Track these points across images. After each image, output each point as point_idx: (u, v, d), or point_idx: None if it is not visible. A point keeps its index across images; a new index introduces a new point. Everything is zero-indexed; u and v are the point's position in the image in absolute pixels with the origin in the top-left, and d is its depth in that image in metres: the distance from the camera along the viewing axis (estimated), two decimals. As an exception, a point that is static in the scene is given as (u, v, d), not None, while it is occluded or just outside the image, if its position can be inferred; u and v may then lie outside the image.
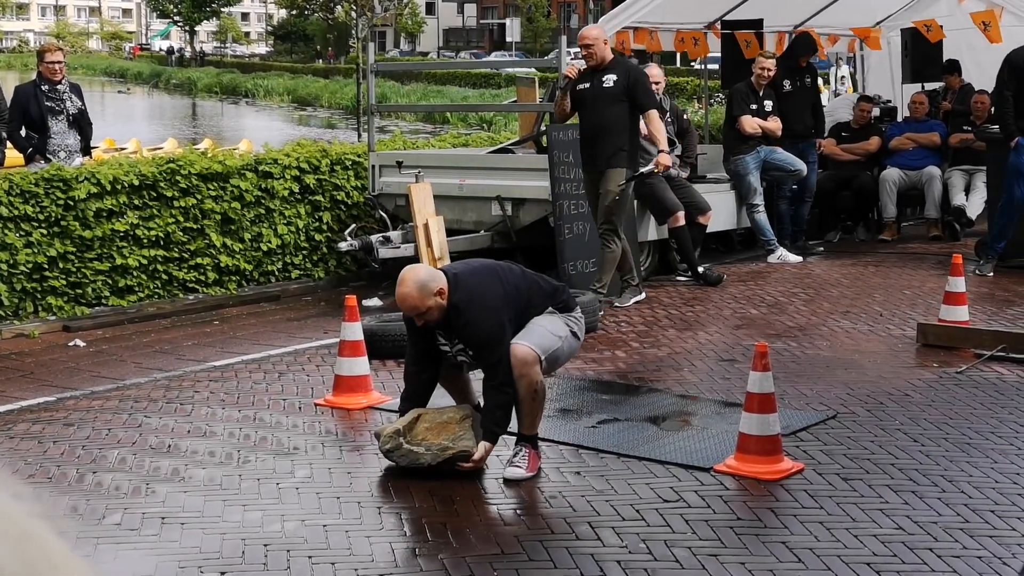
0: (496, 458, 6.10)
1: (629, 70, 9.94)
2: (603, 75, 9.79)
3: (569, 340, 6.17)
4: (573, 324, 6.20)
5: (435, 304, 5.83)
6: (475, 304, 5.85)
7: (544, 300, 6.12)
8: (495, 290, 5.95)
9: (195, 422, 7.01)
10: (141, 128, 39.57)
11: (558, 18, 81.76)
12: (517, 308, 5.99)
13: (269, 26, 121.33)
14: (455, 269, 6.13)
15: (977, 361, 8.15)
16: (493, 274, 6.07)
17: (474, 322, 5.85)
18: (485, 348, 5.89)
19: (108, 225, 10.20)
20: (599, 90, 9.77)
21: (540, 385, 5.95)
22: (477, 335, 5.88)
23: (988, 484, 5.74)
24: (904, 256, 12.67)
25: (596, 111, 9.78)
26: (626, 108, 9.74)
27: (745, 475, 5.86)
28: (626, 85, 9.72)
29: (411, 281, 5.84)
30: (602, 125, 9.77)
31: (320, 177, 11.72)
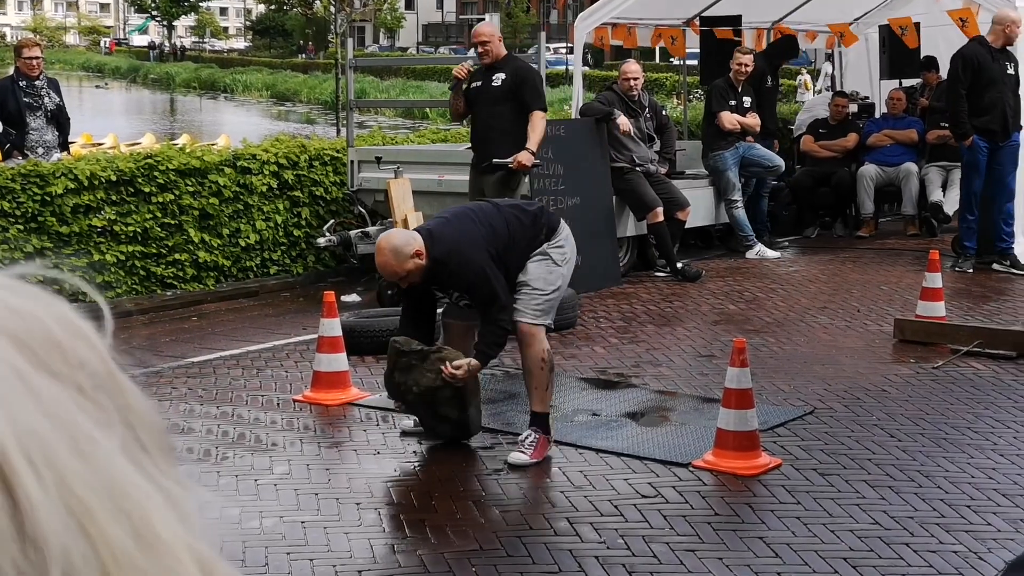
0: (504, 445, 6.11)
1: (518, 69, 9.76)
2: (494, 73, 9.66)
3: (564, 277, 6.31)
4: (562, 251, 6.30)
5: (414, 266, 5.95)
6: (455, 253, 5.98)
7: (526, 233, 6.20)
8: (472, 233, 6.07)
9: (173, 418, 6.99)
10: (119, 123, 39.42)
11: (537, 14, 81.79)
12: (498, 245, 6.10)
13: (248, 21, 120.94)
14: (429, 225, 6.26)
15: (953, 357, 8.18)
16: (467, 218, 6.20)
17: (458, 271, 6.00)
18: (475, 289, 6.03)
19: (85, 221, 10.16)
20: (489, 88, 9.64)
21: (548, 354, 6.12)
22: (464, 281, 6.03)
23: (964, 479, 5.78)
24: (881, 252, 12.72)
25: (486, 109, 9.67)
26: (514, 107, 9.56)
27: (723, 471, 5.88)
28: (514, 83, 9.55)
29: (387, 249, 6.00)
30: (491, 124, 9.63)
31: (299, 173, 11.70)
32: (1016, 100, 11.29)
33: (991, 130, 11.20)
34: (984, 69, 11.17)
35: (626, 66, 12.01)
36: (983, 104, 11.19)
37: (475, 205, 6.56)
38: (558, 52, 53.83)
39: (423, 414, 6.32)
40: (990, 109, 11.17)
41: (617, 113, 11.16)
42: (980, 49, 11.24)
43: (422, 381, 6.13)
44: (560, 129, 11.00)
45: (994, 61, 11.16)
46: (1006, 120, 11.18)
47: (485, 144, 9.72)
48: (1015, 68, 11.26)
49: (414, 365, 6.15)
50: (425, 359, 6.14)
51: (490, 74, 9.68)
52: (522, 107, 9.55)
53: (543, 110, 9.71)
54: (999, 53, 11.18)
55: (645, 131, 11.65)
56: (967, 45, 11.34)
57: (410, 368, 6.16)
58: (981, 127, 11.24)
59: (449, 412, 6.22)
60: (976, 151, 11.31)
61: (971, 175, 11.50)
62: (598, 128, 11.16)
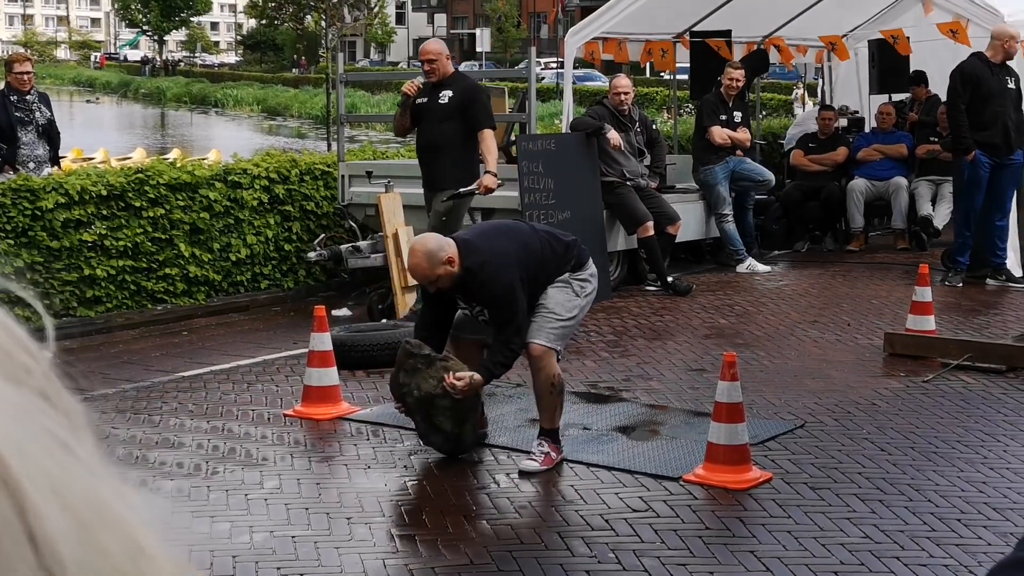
0: (506, 458, 6.10)
1: (467, 87, 9.68)
2: (440, 91, 9.57)
3: (582, 308, 6.35)
4: (585, 285, 6.34)
5: (445, 272, 6.03)
6: (487, 266, 6.06)
7: (556, 260, 6.28)
8: (506, 250, 6.15)
9: (163, 433, 6.98)
10: (110, 138, 39.39)
11: (528, 29, 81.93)
12: (528, 266, 6.17)
13: (239, 35, 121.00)
14: (465, 235, 6.36)
15: (944, 370, 8.19)
16: (503, 234, 6.31)
17: (487, 283, 6.06)
18: (496, 307, 6.10)
19: (76, 235, 10.15)
20: (435, 106, 9.56)
21: (558, 379, 6.19)
22: (490, 295, 6.09)
23: (954, 493, 5.78)
24: (871, 266, 12.74)
25: (431, 127, 9.60)
26: (460, 125, 9.47)
27: (714, 484, 5.88)
28: (461, 101, 9.47)
29: (420, 252, 6.06)
30: (436, 141, 9.57)
31: (290, 187, 11.70)
32: (1017, 115, 11.20)
33: (993, 144, 11.14)
34: (983, 84, 11.12)
35: (616, 80, 12.04)
36: (984, 119, 11.11)
37: (512, 223, 6.70)
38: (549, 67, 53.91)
39: (419, 420, 6.32)
40: (991, 124, 11.10)
41: (608, 127, 11.18)
42: (979, 64, 11.20)
43: (423, 386, 6.16)
44: (551, 143, 11.02)
45: (993, 76, 11.14)
46: (1008, 135, 11.13)
47: (429, 162, 9.68)
48: (1016, 83, 11.22)
49: (419, 369, 6.19)
50: (431, 364, 6.19)
51: (436, 91, 9.60)
52: (468, 125, 9.45)
53: (493, 128, 9.62)
54: (999, 68, 11.16)
55: (635, 145, 11.67)
56: (966, 60, 11.28)
57: (415, 371, 6.21)
58: (983, 142, 11.13)
59: (443, 423, 6.23)
60: (978, 166, 11.19)
61: (972, 191, 11.31)
62: (588, 142, 11.18)
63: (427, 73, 9.68)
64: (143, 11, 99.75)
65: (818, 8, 15.27)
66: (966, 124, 11.20)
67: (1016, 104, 11.24)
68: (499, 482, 6.07)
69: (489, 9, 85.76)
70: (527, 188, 10.45)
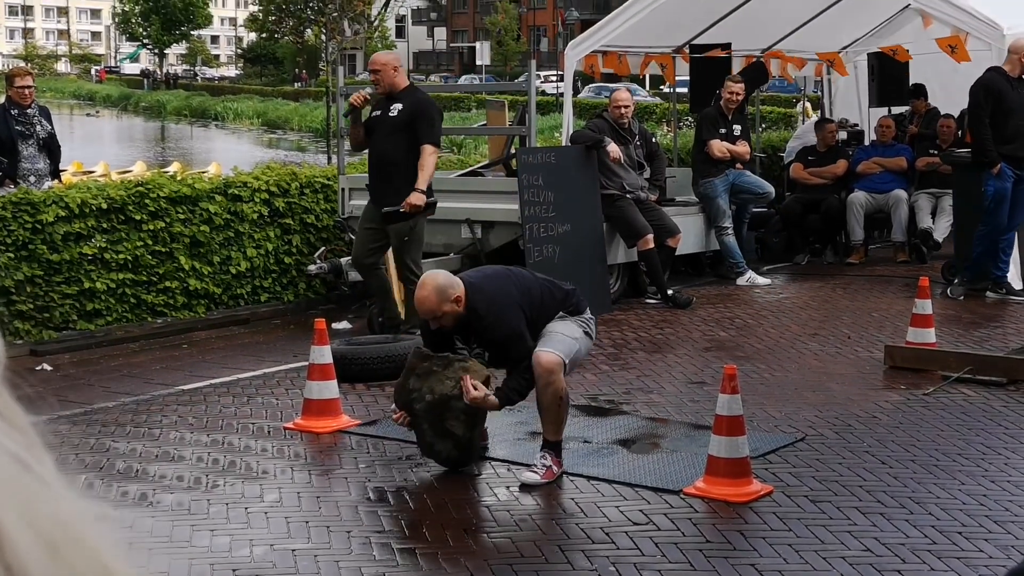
0: (507, 471, 6.09)
1: (418, 101, 9.45)
2: (392, 104, 9.40)
3: (584, 340, 6.42)
4: (585, 325, 6.44)
5: (450, 310, 6.12)
6: (493, 309, 6.16)
7: (556, 305, 6.37)
8: (511, 294, 6.25)
9: (163, 446, 6.98)
10: (110, 151, 39.43)
11: (528, 42, 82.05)
12: (531, 310, 6.26)
13: (239, 49, 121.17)
14: (471, 276, 6.42)
15: (944, 383, 8.19)
16: (507, 279, 6.39)
17: (492, 326, 6.16)
18: (504, 349, 6.21)
19: (76, 248, 10.15)
20: (386, 119, 9.40)
21: (565, 392, 6.21)
22: (496, 337, 6.20)
23: (955, 506, 5.78)
24: (872, 279, 12.74)
25: (382, 141, 9.43)
26: (410, 139, 9.27)
27: (714, 498, 5.88)
28: (411, 115, 9.27)
29: (430, 286, 6.14)
30: (387, 155, 9.41)
31: (290, 200, 11.70)
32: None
33: (1018, 158, 11.08)
34: (1004, 97, 11.05)
35: (616, 94, 12.05)
36: (1007, 132, 11.02)
37: (514, 269, 6.80)
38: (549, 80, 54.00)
39: (426, 428, 6.28)
40: (1014, 137, 11.01)
41: (607, 140, 11.19)
42: (999, 78, 11.15)
43: (438, 388, 6.17)
44: (551, 156, 11.03)
45: (1013, 90, 11.12)
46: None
47: (378, 176, 9.50)
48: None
49: (434, 371, 6.22)
50: (448, 366, 6.22)
51: (388, 104, 9.45)
52: (416, 141, 9.26)
53: (435, 145, 9.39)
54: (1017, 82, 11.14)
55: (635, 158, 11.68)
56: (985, 74, 11.22)
57: (429, 374, 6.22)
58: (1007, 155, 11.04)
59: (456, 427, 6.21)
60: (1004, 179, 11.09)
61: (999, 204, 11.11)
62: (588, 155, 11.19)
63: (373, 83, 9.62)
64: (144, 24, 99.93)
65: (817, 22, 15.30)
66: (990, 137, 11.06)
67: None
68: (499, 495, 6.06)
69: (489, 23, 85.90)
70: (527, 201, 10.46)
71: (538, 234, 10.50)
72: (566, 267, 10.59)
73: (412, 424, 6.35)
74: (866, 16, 15.54)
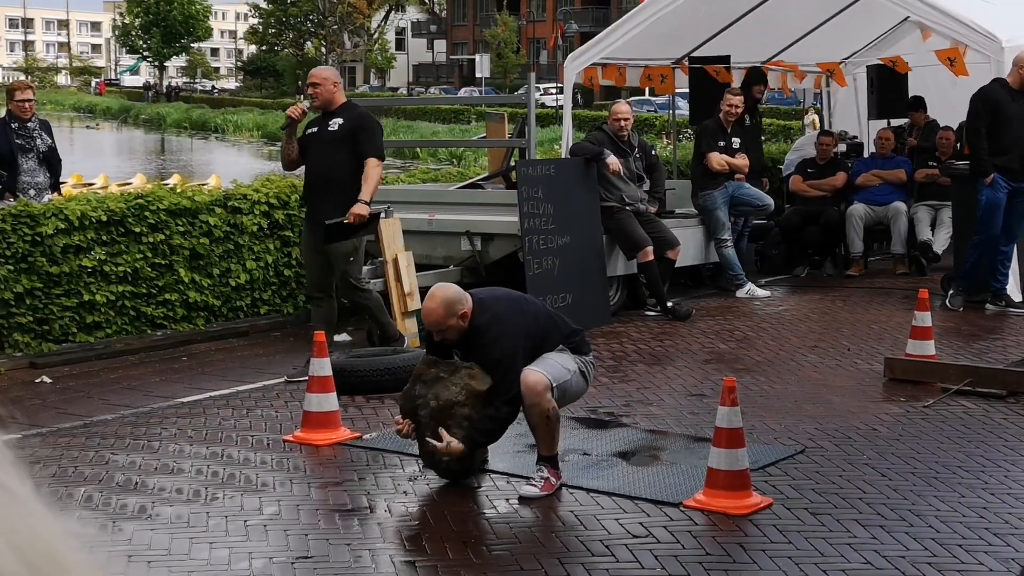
0: (506, 483, 6.08)
1: (358, 116, 9.19)
2: (331, 119, 9.10)
3: (577, 377, 6.38)
4: (582, 364, 6.42)
5: (456, 324, 6.16)
6: (495, 328, 6.17)
7: (559, 339, 6.36)
8: (516, 318, 6.25)
9: (162, 459, 6.97)
10: (110, 163, 39.46)
11: (527, 54, 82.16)
12: (534, 340, 6.25)
13: (239, 62, 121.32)
14: (481, 294, 6.42)
15: (944, 395, 8.19)
16: (517, 304, 6.42)
17: (491, 344, 6.16)
18: (496, 369, 6.16)
19: (76, 261, 10.15)
20: (324, 134, 9.07)
21: (552, 411, 6.17)
22: (492, 356, 6.18)
23: (955, 518, 5.77)
24: (871, 291, 12.75)
25: (320, 157, 9.06)
26: (350, 156, 8.97)
27: (714, 510, 5.87)
28: (351, 130, 8.99)
29: (439, 297, 6.18)
30: (325, 172, 9.04)
31: (289, 212, 11.70)
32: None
33: (1012, 169, 11.13)
34: (1002, 108, 11.11)
35: (616, 106, 12.06)
36: (1003, 143, 11.08)
37: (526, 297, 6.83)
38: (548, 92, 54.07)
39: (429, 437, 6.27)
40: (1010, 148, 11.06)
41: (607, 153, 11.20)
42: (999, 89, 11.20)
43: (443, 394, 6.19)
44: (550, 169, 11.04)
45: (1013, 101, 11.14)
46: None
47: (318, 195, 9.15)
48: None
49: (441, 378, 6.24)
50: (455, 372, 6.24)
51: (327, 120, 9.14)
52: (358, 156, 8.98)
53: (379, 158, 9.09)
54: (1018, 94, 11.16)
55: (635, 171, 11.69)
56: (987, 85, 11.26)
57: (436, 380, 6.25)
58: (1002, 166, 11.11)
59: (458, 434, 6.21)
60: (997, 189, 11.15)
61: (993, 215, 11.15)
62: (588, 168, 11.20)
63: (311, 97, 9.32)
64: (144, 37, 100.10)
65: (816, 34, 15.34)
66: (985, 147, 11.14)
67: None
68: (499, 508, 6.06)
69: (489, 35, 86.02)
70: (527, 213, 10.46)
71: (538, 246, 10.51)
72: (566, 279, 10.60)
73: (415, 433, 6.34)
74: (865, 28, 15.57)
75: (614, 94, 41.55)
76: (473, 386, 6.18)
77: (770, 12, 14.42)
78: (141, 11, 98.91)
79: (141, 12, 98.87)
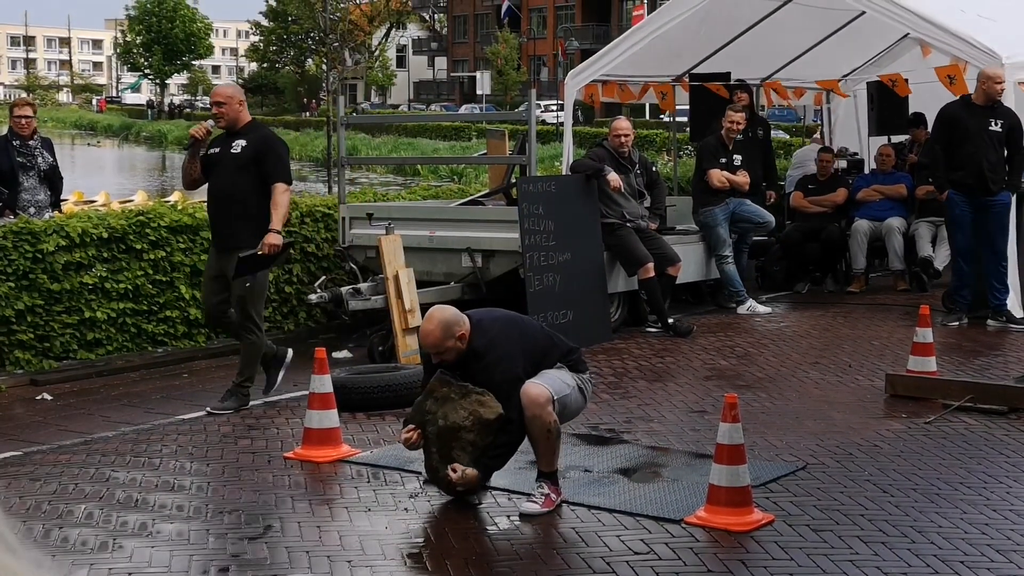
0: (507, 500, 6.07)
1: (263, 137, 8.80)
2: (234, 140, 8.70)
3: (576, 393, 6.39)
4: (580, 381, 6.43)
5: (453, 346, 6.15)
6: (494, 350, 6.17)
7: (558, 357, 6.37)
8: (514, 339, 6.26)
9: (163, 476, 6.96)
10: (111, 180, 39.51)
11: (528, 71, 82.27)
12: (533, 359, 6.26)
13: (240, 79, 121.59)
14: (479, 316, 6.39)
15: (945, 412, 8.18)
16: (514, 325, 6.41)
17: (491, 367, 6.16)
18: (499, 391, 6.15)
19: (77, 278, 10.15)
20: (227, 155, 8.67)
21: (554, 425, 6.17)
22: (494, 379, 6.17)
23: (957, 535, 5.76)
24: (872, 307, 12.74)
25: (222, 179, 8.69)
26: (253, 178, 8.58)
27: (715, 527, 5.86)
28: (256, 151, 8.60)
29: (437, 319, 6.16)
30: (226, 194, 8.66)
31: (290, 229, 11.70)
32: (997, 156, 11.27)
33: (967, 184, 11.28)
34: (959, 125, 11.27)
35: (616, 123, 12.07)
36: (959, 159, 11.31)
37: (523, 317, 6.80)
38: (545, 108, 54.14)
39: (434, 452, 6.28)
40: (966, 164, 11.26)
41: (608, 169, 11.21)
42: (959, 105, 11.40)
43: (452, 416, 6.18)
44: (551, 185, 11.04)
45: (972, 117, 11.23)
46: (982, 175, 11.21)
47: (220, 217, 8.79)
48: (1004, 125, 11.25)
49: (452, 399, 6.22)
50: (466, 396, 6.21)
51: (230, 140, 8.74)
52: (262, 178, 8.59)
53: (287, 183, 8.68)
54: (984, 110, 11.23)
55: (635, 187, 11.70)
56: (946, 105, 11.53)
57: (446, 400, 6.23)
58: (957, 181, 11.35)
59: (461, 458, 6.21)
60: (952, 205, 11.43)
61: (953, 230, 11.67)
62: (589, 184, 11.21)
63: (215, 117, 8.87)
64: (145, 55, 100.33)
65: (817, 50, 15.38)
66: (940, 164, 11.54)
67: (997, 145, 11.24)
68: (500, 525, 6.05)
69: (490, 52, 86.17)
70: (527, 230, 10.47)
71: (538, 263, 10.51)
72: (566, 296, 10.60)
73: (423, 445, 6.34)
74: (865, 45, 15.61)
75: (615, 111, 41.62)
76: (481, 413, 6.16)
77: (770, 30, 14.45)
78: (143, 29, 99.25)
79: (143, 30, 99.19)
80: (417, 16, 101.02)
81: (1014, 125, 11.27)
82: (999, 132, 11.22)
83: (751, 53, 14.69)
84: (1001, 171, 11.29)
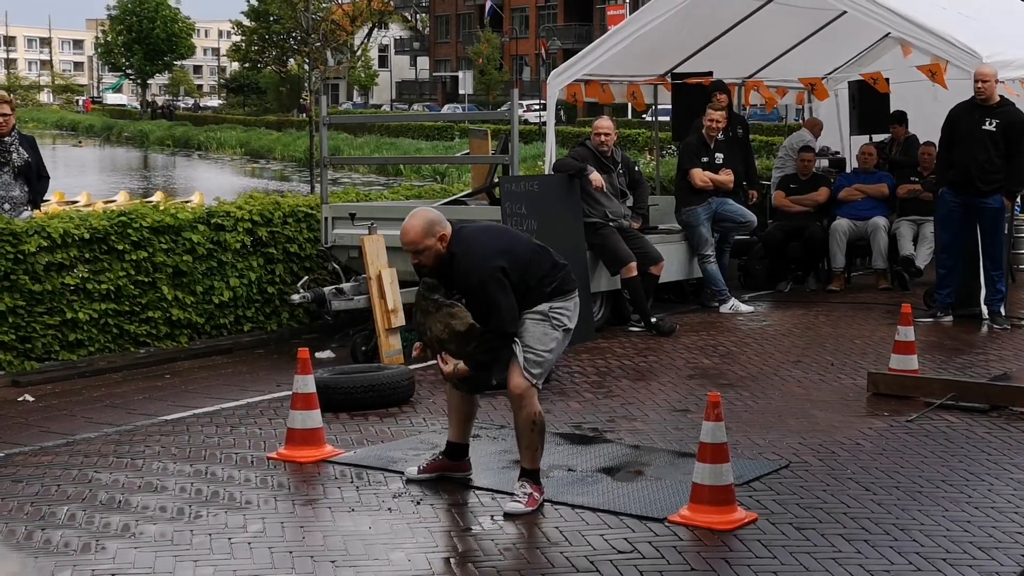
0: (491, 500, 6.08)
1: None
2: None
3: (560, 342, 6.33)
4: (562, 317, 6.31)
5: (432, 245, 6.10)
6: (472, 254, 6.09)
7: (541, 275, 6.25)
8: (495, 243, 6.18)
9: (146, 477, 6.95)
10: (93, 181, 39.42)
11: (510, 71, 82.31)
12: (514, 268, 6.15)
13: (222, 79, 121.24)
14: (462, 223, 6.36)
15: (927, 410, 8.21)
16: (497, 235, 6.34)
17: (468, 272, 6.09)
18: (479, 294, 6.09)
19: (58, 279, 10.12)
20: None
21: (539, 416, 6.20)
22: (470, 284, 6.11)
23: (939, 532, 5.79)
24: (854, 306, 12.78)
25: None
26: None
27: (699, 525, 5.87)
28: None
29: (420, 216, 6.16)
30: None
31: (273, 230, 11.70)
32: (988, 156, 11.23)
33: (957, 183, 11.34)
34: (957, 125, 11.33)
35: (598, 122, 12.06)
36: (953, 158, 11.39)
37: (510, 229, 6.76)
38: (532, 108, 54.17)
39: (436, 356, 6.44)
40: (957, 164, 11.32)
41: (590, 169, 11.22)
42: (961, 106, 11.42)
43: (433, 328, 6.24)
44: (533, 185, 11.04)
45: (968, 117, 11.25)
46: (969, 175, 11.23)
47: None
48: (997, 125, 11.23)
49: (430, 312, 6.25)
50: (439, 309, 6.22)
51: None
52: None
53: None
54: (982, 110, 11.24)
55: (618, 186, 11.70)
56: (959, 103, 11.56)
57: (427, 313, 6.27)
58: (950, 180, 11.44)
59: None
60: (941, 203, 11.55)
61: (938, 227, 11.79)
62: (571, 184, 11.21)
63: None
64: (126, 55, 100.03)
65: (798, 50, 15.42)
66: (943, 163, 11.63)
67: (990, 145, 11.21)
68: (483, 524, 6.05)
69: (472, 52, 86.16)
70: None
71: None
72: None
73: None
74: (846, 45, 15.66)
75: (597, 110, 41.67)
76: (454, 326, 6.16)
77: (752, 29, 14.48)
78: (123, 29, 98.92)
79: (123, 30, 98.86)
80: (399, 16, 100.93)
81: (1012, 124, 11.20)
82: (993, 132, 11.18)
83: (733, 52, 14.72)
84: (993, 171, 11.22)
